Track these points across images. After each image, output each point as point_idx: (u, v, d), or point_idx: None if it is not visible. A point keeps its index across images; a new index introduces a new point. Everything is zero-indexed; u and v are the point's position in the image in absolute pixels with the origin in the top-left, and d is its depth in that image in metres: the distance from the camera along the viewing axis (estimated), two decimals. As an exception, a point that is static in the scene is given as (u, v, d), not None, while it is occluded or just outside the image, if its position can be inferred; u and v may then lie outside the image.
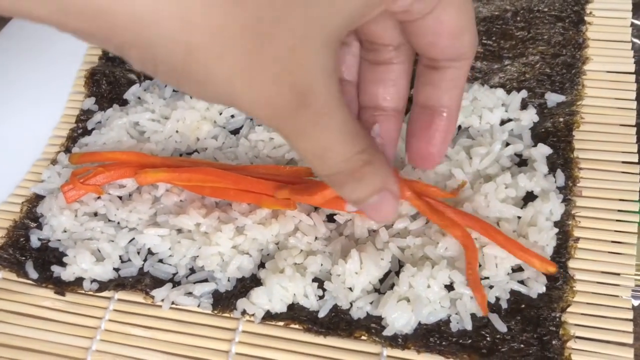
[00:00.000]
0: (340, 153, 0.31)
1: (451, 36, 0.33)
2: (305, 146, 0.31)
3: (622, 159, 0.49)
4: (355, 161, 0.32)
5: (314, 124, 0.29)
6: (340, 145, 0.31)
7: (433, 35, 0.33)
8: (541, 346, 0.42)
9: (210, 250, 0.47)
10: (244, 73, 0.26)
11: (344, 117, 0.30)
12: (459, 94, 0.36)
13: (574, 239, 0.45)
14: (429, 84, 0.36)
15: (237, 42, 0.24)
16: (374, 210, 0.35)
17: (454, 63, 0.34)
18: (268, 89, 0.26)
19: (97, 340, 0.47)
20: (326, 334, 0.44)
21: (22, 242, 0.52)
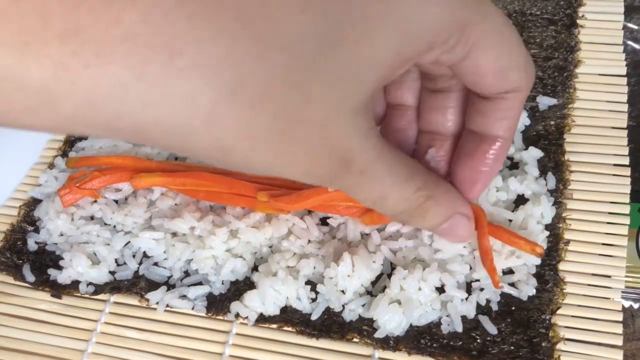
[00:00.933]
0: (397, 197, 0.32)
1: (493, 77, 0.32)
2: (360, 198, 0.32)
3: (614, 162, 0.49)
4: (415, 199, 0.33)
5: (361, 182, 0.30)
6: (395, 190, 0.32)
7: (474, 75, 0.32)
8: (531, 348, 0.42)
9: (204, 253, 0.48)
10: (280, 160, 0.27)
11: (392, 164, 0.31)
12: (511, 124, 0.35)
13: (564, 242, 0.46)
14: (480, 113, 0.35)
15: (267, 137, 0.25)
16: (448, 235, 0.36)
17: (505, 95, 0.34)
18: (305, 164, 0.28)
19: (93, 343, 0.48)
20: (319, 336, 0.45)
21: (20, 246, 0.53)
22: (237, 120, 0.24)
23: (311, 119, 0.26)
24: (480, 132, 0.36)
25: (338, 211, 0.47)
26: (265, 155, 0.26)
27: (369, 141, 0.29)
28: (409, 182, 0.32)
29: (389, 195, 0.32)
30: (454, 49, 0.30)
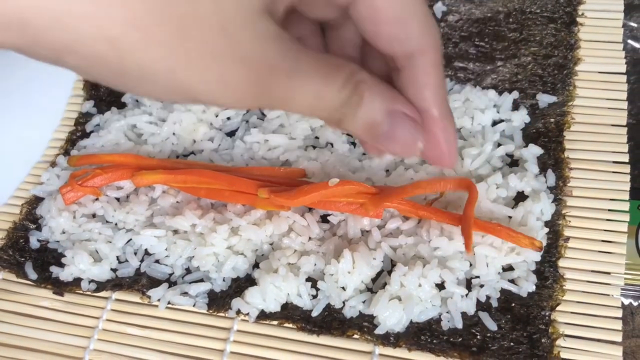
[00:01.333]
0: (330, 89, 0.31)
1: (390, 25, 0.31)
2: (297, 106, 0.31)
3: (613, 159, 0.49)
4: (347, 88, 0.31)
5: (292, 86, 0.29)
6: (325, 85, 0.30)
7: (372, 23, 0.32)
8: (531, 344, 0.42)
9: (205, 250, 0.48)
10: (181, 62, 0.26)
11: (316, 62, 0.30)
12: (432, 93, 0.34)
13: (564, 239, 0.46)
14: (400, 87, 0.34)
15: (160, 31, 0.24)
16: (390, 140, 0.34)
17: (412, 60, 0.33)
18: (220, 74, 0.27)
19: (95, 340, 0.48)
20: (319, 333, 0.45)
21: (22, 244, 0.53)
22: (122, 8, 0.23)
23: (206, 16, 0.25)
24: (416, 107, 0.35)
25: (338, 208, 0.47)
26: (159, 52, 0.25)
27: (283, 44, 0.29)
28: (338, 71, 0.31)
29: (323, 93, 0.30)
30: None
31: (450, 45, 0.57)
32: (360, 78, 0.32)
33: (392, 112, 0.33)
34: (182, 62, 0.26)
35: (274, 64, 0.28)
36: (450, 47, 0.57)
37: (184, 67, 0.26)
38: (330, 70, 0.31)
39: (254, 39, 0.27)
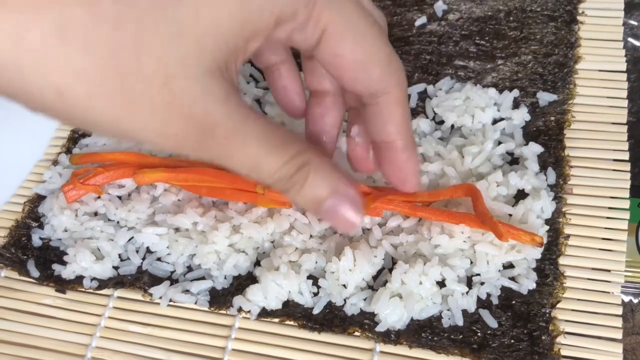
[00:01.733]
0: (272, 162, 0.32)
1: (353, 70, 0.33)
2: (233, 165, 0.32)
3: (613, 157, 0.49)
4: (290, 166, 0.33)
5: (229, 149, 0.30)
6: (268, 156, 0.32)
7: (334, 67, 0.33)
8: (531, 341, 0.42)
9: (207, 248, 0.48)
10: (125, 114, 0.27)
11: (262, 131, 0.31)
12: (396, 129, 0.36)
13: (564, 236, 0.46)
14: (367, 120, 0.37)
15: (103, 84, 0.25)
16: (333, 217, 0.35)
17: (377, 99, 0.35)
18: (160, 126, 0.28)
19: (97, 337, 0.48)
20: (320, 330, 0.45)
21: (24, 242, 0.53)
22: (69, 61, 0.24)
23: (150, 73, 0.26)
24: (376, 140, 0.38)
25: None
26: (104, 104, 0.26)
27: (230, 106, 0.29)
28: (283, 148, 0.32)
29: (263, 162, 0.32)
30: (304, 28, 0.31)
31: (450, 44, 0.57)
32: (306, 159, 0.33)
33: (334, 192, 0.34)
34: (125, 115, 0.27)
35: (214, 124, 0.29)
36: (450, 45, 0.57)
37: (127, 119, 0.27)
38: (275, 144, 0.32)
39: (197, 97, 0.28)
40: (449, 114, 0.52)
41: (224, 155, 0.31)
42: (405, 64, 0.57)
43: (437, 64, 0.56)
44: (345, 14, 0.31)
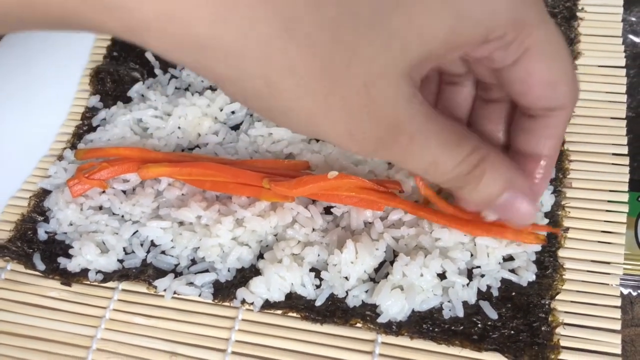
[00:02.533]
0: (448, 162, 0.32)
1: (542, 87, 0.33)
2: (411, 167, 0.33)
3: (612, 151, 0.50)
4: (466, 164, 0.33)
5: (411, 149, 0.31)
6: (444, 156, 0.32)
7: (522, 85, 0.33)
8: (531, 332, 0.43)
9: (210, 241, 0.49)
10: (322, 111, 0.28)
11: (441, 130, 0.32)
12: (555, 143, 0.36)
13: (563, 229, 0.47)
14: (525, 131, 0.36)
15: (311, 82, 0.27)
16: (508, 211, 0.36)
17: (550, 112, 0.34)
18: (351, 126, 0.29)
19: (102, 329, 0.49)
20: (323, 322, 0.46)
21: (30, 235, 0.54)
22: (287, 56, 0.26)
23: (355, 76, 0.27)
24: (525, 151, 0.37)
25: (341, 200, 0.48)
26: (308, 104, 0.27)
27: (415, 107, 0.30)
28: (460, 146, 0.33)
29: (440, 161, 0.32)
30: (508, 48, 0.31)
31: (451, 40, 0.57)
32: (484, 154, 0.34)
33: (511, 187, 0.35)
34: (322, 112, 0.28)
35: (401, 125, 0.30)
36: (451, 41, 0.57)
37: (322, 116, 0.28)
38: (453, 140, 0.32)
39: (391, 101, 0.29)
40: (450, 109, 0.52)
41: (405, 155, 0.31)
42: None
43: (438, 60, 0.57)
44: (550, 35, 0.31)
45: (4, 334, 0.49)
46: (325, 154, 0.53)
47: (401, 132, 0.30)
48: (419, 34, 0.28)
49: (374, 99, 0.28)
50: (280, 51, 0.25)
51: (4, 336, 0.49)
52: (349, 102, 0.28)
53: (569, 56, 0.33)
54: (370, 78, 0.28)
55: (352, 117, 0.29)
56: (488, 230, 0.44)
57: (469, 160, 0.33)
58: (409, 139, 0.30)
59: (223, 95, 0.58)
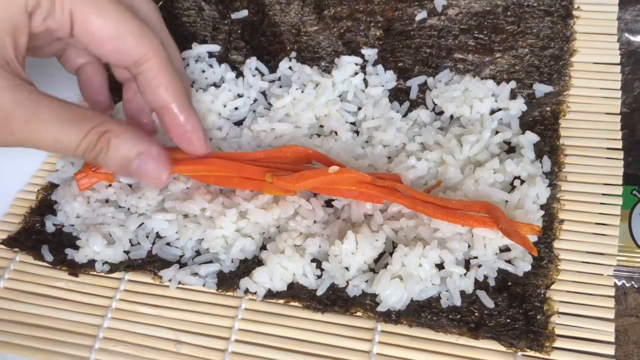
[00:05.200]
0: (71, 136, 0.38)
1: (110, 42, 0.39)
2: (39, 146, 0.38)
3: (607, 146, 0.51)
4: (91, 136, 0.38)
5: (30, 131, 0.36)
6: (66, 133, 0.37)
7: (95, 45, 0.39)
8: (526, 321, 0.44)
9: (214, 233, 0.50)
10: None
11: (59, 112, 0.37)
12: (166, 88, 0.41)
13: (558, 221, 0.48)
14: (143, 91, 0.42)
15: None
16: (142, 174, 0.42)
17: (142, 65, 0.40)
18: None
19: (109, 318, 0.50)
20: (324, 311, 0.47)
21: (38, 228, 0.55)
22: None
23: None
24: (156, 107, 0.43)
25: (341, 194, 0.49)
26: None
27: (20, 94, 0.35)
28: (82, 122, 0.38)
29: (63, 138, 0.37)
30: (53, 13, 0.37)
31: (450, 38, 0.59)
32: (107, 128, 0.39)
33: (139, 153, 0.41)
34: None
35: (7, 112, 0.35)
36: (450, 39, 0.58)
37: None
38: (73, 120, 0.38)
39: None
40: (449, 104, 0.54)
41: (29, 138, 0.36)
42: (406, 57, 0.59)
43: (437, 57, 0.58)
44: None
45: (13, 323, 0.51)
46: (327, 148, 0.54)
47: (12, 118, 0.35)
48: None
49: None
50: None
51: (14, 325, 0.50)
52: None
53: (123, 11, 0.38)
54: None
55: None
56: (483, 223, 0.45)
57: (92, 133, 0.38)
58: (25, 123, 0.35)
59: (227, 92, 0.59)
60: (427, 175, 0.51)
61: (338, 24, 0.62)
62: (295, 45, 0.62)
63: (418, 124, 0.55)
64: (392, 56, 0.59)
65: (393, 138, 0.53)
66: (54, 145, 0.38)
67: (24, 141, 0.37)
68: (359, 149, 0.54)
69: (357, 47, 0.61)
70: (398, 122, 0.55)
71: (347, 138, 0.55)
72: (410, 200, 0.47)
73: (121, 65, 0.41)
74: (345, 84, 0.58)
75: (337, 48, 0.61)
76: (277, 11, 0.64)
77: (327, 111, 0.56)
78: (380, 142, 0.54)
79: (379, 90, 0.57)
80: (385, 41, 0.61)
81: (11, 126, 0.35)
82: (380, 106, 0.56)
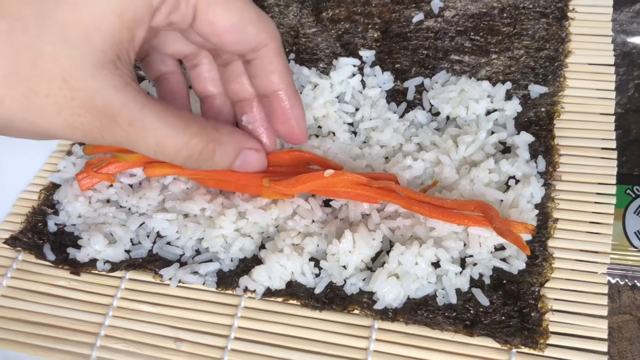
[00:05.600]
0: (175, 144, 0.37)
1: (232, 33, 0.38)
2: (140, 149, 0.36)
3: (601, 146, 0.51)
4: (195, 144, 0.38)
5: (133, 133, 0.35)
6: (171, 138, 0.36)
7: (214, 36, 0.38)
8: (521, 318, 0.45)
9: (214, 233, 0.51)
10: (33, 114, 0.31)
11: (163, 116, 0.36)
12: (280, 75, 0.42)
13: (553, 220, 0.48)
14: (254, 76, 0.42)
15: (8, 91, 0.30)
16: (245, 168, 0.43)
17: (258, 52, 0.40)
18: (68, 119, 0.32)
19: (110, 317, 0.51)
20: (322, 309, 0.48)
21: (40, 227, 0.56)
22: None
23: (49, 74, 0.30)
24: (265, 93, 0.43)
25: (338, 195, 0.50)
26: (15, 106, 0.30)
27: (128, 94, 0.34)
28: (185, 130, 0.37)
29: (166, 143, 0.36)
30: (178, 8, 0.36)
31: (446, 39, 0.59)
32: (211, 137, 0.39)
33: (241, 152, 0.42)
34: (37, 115, 0.31)
35: (115, 113, 0.33)
36: (446, 41, 0.59)
37: (39, 118, 0.32)
38: (176, 126, 0.37)
39: (95, 90, 0.32)
40: (445, 105, 0.54)
41: (130, 139, 0.35)
42: (403, 58, 0.60)
43: (433, 58, 0.59)
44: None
45: (16, 321, 0.51)
46: (325, 149, 0.55)
47: (118, 119, 0.33)
48: (93, 24, 0.32)
49: (78, 92, 0.31)
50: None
51: (17, 323, 0.51)
52: (56, 99, 0.31)
53: (245, 1, 0.38)
54: (67, 72, 0.31)
55: (64, 112, 0.31)
56: (478, 222, 0.46)
57: (196, 142, 0.38)
58: (128, 125, 0.34)
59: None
60: (423, 175, 0.52)
61: (336, 25, 0.63)
62: (293, 46, 0.63)
63: (415, 124, 0.56)
64: (390, 58, 0.60)
65: (390, 138, 0.54)
66: (154, 149, 0.37)
67: (123, 142, 0.36)
68: (357, 149, 0.55)
69: (355, 48, 0.61)
70: (395, 122, 0.55)
71: (344, 139, 0.55)
72: (406, 201, 0.48)
73: (236, 52, 0.41)
74: (343, 85, 0.59)
75: (335, 50, 0.62)
76: (276, 13, 0.65)
77: (325, 112, 0.57)
78: (377, 142, 0.55)
79: (376, 91, 0.58)
80: (383, 43, 0.61)
81: (115, 127, 0.34)
82: (378, 107, 0.57)
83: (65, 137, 0.34)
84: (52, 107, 0.31)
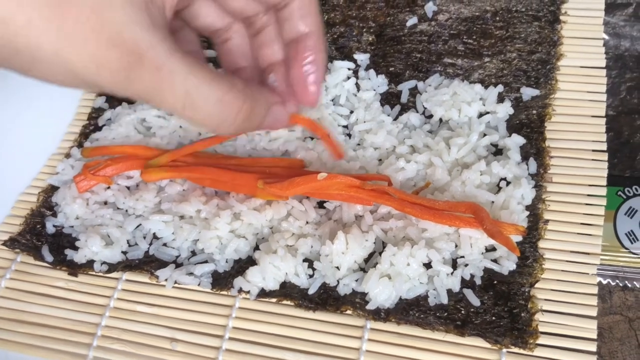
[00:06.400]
0: (207, 97, 0.34)
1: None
2: (168, 100, 0.33)
3: (592, 148, 0.52)
4: (231, 100, 0.35)
5: (160, 78, 0.32)
6: (202, 89, 0.34)
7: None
8: (511, 318, 0.45)
9: (209, 234, 0.51)
10: (63, 42, 0.29)
11: (192, 66, 0.33)
12: (312, 19, 0.41)
13: (543, 221, 0.49)
14: (285, 20, 0.41)
15: (39, 12, 0.28)
16: (271, 127, 0.42)
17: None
18: (94, 54, 0.30)
19: (107, 317, 0.51)
20: (315, 309, 0.48)
21: (39, 229, 0.57)
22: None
23: (78, 1, 0.29)
24: (293, 37, 0.41)
25: (332, 197, 0.51)
26: (42, 30, 0.29)
27: (156, 36, 0.32)
28: (216, 83, 0.35)
29: (197, 96, 0.34)
30: None
31: (440, 43, 0.60)
32: (247, 95, 0.37)
33: (271, 106, 0.40)
34: (64, 43, 0.29)
35: (142, 52, 0.31)
36: (440, 44, 0.60)
37: (65, 48, 0.29)
38: (207, 77, 0.34)
39: (123, 25, 0.30)
40: (438, 108, 0.55)
41: (156, 86, 0.32)
42: (397, 61, 0.60)
43: (427, 61, 0.60)
44: None
45: (14, 321, 0.52)
46: (319, 151, 0.55)
47: (144, 60, 0.31)
48: None
49: (107, 24, 0.30)
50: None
51: (15, 324, 0.52)
52: (83, 28, 0.29)
53: None
54: (97, 3, 0.29)
55: (91, 42, 0.30)
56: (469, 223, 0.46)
57: (230, 98, 0.35)
58: (155, 69, 0.32)
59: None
60: (416, 177, 0.52)
61: (331, 29, 0.64)
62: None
63: (408, 127, 0.56)
64: (384, 61, 0.61)
65: (384, 141, 0.55)
66: (183, 101, 0.33)
67: (149, 91, 0.33)
68: (351, 151, 0.55)
69: (350, 52, 0.62)
70: (389, 125, 0.56)
71: (339, 141, 0.56)
72: (398, 202, 0.48)
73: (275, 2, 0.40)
74: (338, 88, 0.59)
75: (330, 53, 0.63)
76: (272, 17, 0.66)
77: (320, 115, 0.58)
78: (371, 144, 0.55)
79: (370, 94, 0.59)
80: (377, 46, 0.62)
81: (142, 68, 0.31)
82: (372, 110, 0.58)
83: (91, 77, 0.31)
84: (79, 35, 0.29)
